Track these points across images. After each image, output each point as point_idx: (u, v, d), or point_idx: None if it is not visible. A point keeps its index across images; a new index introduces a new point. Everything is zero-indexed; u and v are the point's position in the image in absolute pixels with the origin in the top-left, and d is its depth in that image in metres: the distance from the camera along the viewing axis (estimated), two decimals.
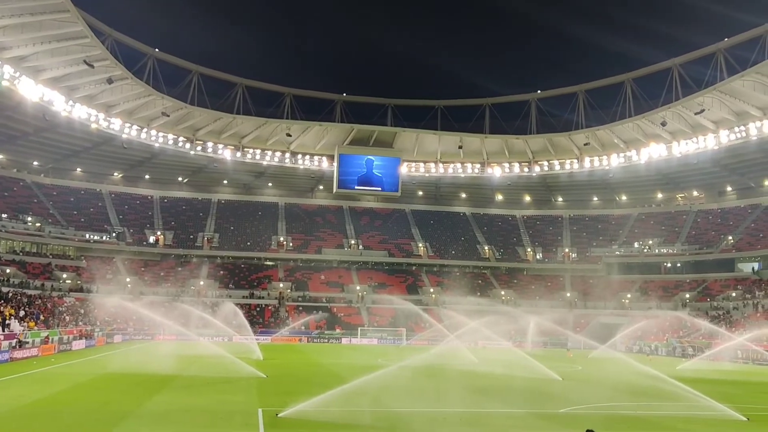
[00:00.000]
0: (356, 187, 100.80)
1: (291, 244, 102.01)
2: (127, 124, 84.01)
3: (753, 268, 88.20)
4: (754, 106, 74.60)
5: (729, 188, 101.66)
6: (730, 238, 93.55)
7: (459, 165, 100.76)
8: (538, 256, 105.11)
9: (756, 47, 70.22)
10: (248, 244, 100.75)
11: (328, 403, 24.22)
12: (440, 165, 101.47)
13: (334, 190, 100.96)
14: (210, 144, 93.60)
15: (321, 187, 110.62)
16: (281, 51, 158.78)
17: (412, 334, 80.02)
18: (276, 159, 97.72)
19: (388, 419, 23.18)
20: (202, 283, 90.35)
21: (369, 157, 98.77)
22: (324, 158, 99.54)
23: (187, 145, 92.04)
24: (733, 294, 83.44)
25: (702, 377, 41.20)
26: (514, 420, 24.19)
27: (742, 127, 76.96)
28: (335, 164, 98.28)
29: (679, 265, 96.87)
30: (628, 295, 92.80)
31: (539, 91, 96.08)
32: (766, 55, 67.91)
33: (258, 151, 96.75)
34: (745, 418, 24.54)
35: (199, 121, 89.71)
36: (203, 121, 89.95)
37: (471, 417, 24.59)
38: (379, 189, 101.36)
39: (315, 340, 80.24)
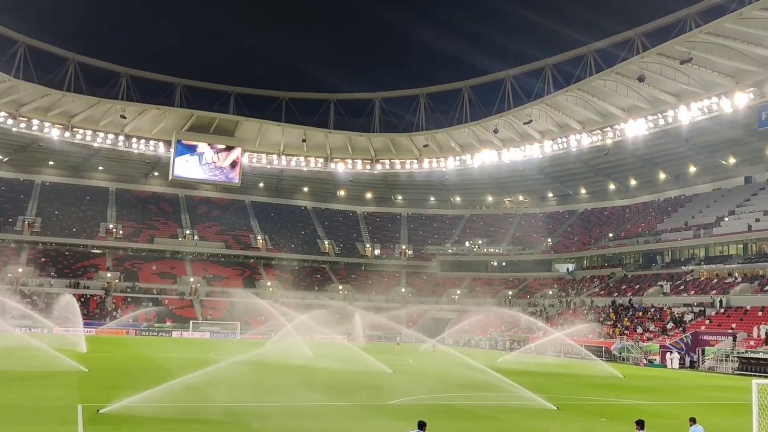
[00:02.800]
0: (194, 175, 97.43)
1: (121, 232, 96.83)
2: None
3: (567, 269, 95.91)
4: (575, 120, 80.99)
5: (550, 194, 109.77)
6: (549, 240, 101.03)
7: (302, 158, 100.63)
8: (376, 252, 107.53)
9: (580, 64, 76.32)
10: (74, 230, 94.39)
11: (155, 398, 23.31)
12: (283, 157, 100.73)
13: (170, 177, 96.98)
14: (36, 121, 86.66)
15: (156, 174, 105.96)
16: (122, 28, 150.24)
17: (248, 328, 78.90)
18: (108, 141, 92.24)
19: (216, 414, 22.78)
20: (20, 270, 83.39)
21: (209, 144, 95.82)
22: (161, 143, 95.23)
23: (9, 121, 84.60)
24: (550, 292, 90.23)
25: (520, 369, 44.04)
26: (343, 412, 24.60)
27: (564, 139, 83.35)
28: (172, 150, 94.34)
29: (504, 264, 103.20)
30: (458, 292, 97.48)
31: (383, 91, 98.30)
32: (588, 73, 73.95)
33: (89, 132, 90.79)
34: (554, 407, 26.61)
35: (24, 96, 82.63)
36: (29, 96, 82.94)
37: (301, 410, 24.72)
38: (218, 178, 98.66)
39: (144, 333, 76.91)
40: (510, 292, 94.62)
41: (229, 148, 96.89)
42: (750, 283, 65.01)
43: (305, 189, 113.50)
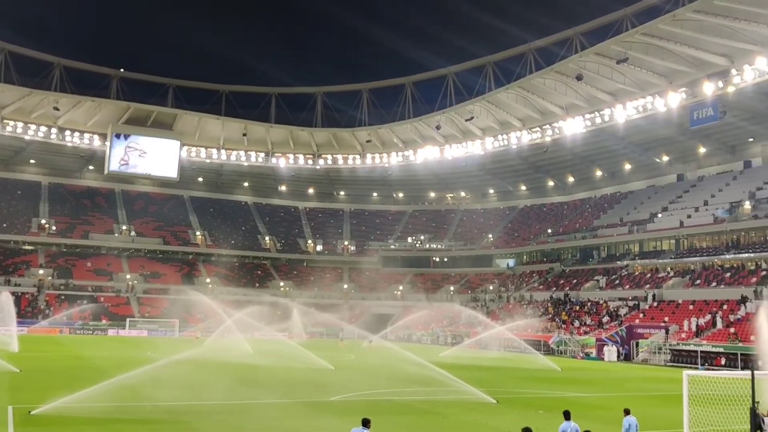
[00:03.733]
0: (131, 170, 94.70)
1: (54, 228, 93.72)
2: None
3: (507, 264, 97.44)
4: (515, 117, 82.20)
5: (491, 191, 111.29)
6: (490, 236, 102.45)
7: (243, 153, 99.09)
8: (318, 248, 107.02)
9: (521, 62, 77.50)
10: (4, 225, 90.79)
11: (90, 398, 22.63)
12: (223, 151, 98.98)
13: (106, 172, 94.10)
14: None
15: (91, 168, 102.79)
16: (55, 17, 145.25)
17: (187, 326, 77.46)
18: (41, 134, 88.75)
19: (154, 413, 22.30)
20: None
21: (146, 138, 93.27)
22: (96, 136, 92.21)
23: None
24: (491, 287, 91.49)
25: (461, 363, 44.55)
26: (284, 410, 24.34)
27: (505, 136, 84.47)
28: (108, 143, 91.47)
29: (446, 259, 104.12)
30: (401, 287, 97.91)
31: (326, 86, 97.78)
32: (528, 71, 75.14)
33: (20, 124, 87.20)
34: (494, 401, 26.95)
35: None
36: None
37: (242, 408, 24.36)
38: (156, 172, 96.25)
39: (78, 332, 74.69)
40: (452, 288, 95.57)
41: (167, 142, 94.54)
42: (682, 277, 67.26)
43: (246, 184, 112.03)
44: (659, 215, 77.90)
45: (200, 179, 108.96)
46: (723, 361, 47.83)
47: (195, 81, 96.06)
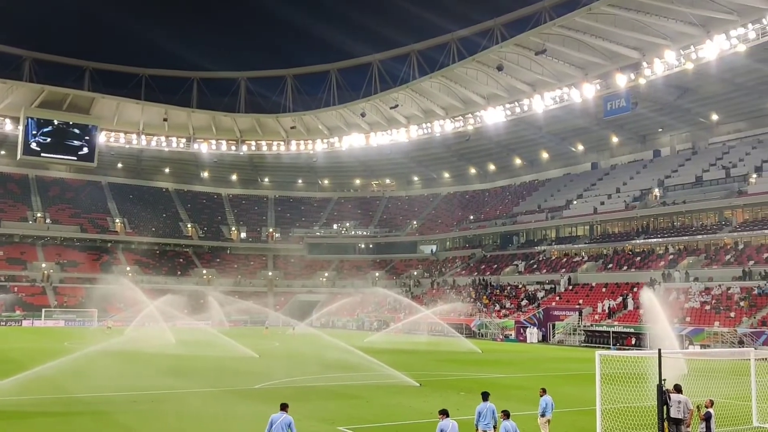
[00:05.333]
0: (45, 155, 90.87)
1: None
2: None
3: (431, 250, 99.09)
4: (439, 106, 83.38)
5: (416, 178, 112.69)
6: (415, 223, 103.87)
7: (163, 138, 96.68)
8: (242, 236, 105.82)
9: (444, 51, 78.58)
10: None
11: (4, 391, 22.08)
12: (143, 137, 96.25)
13: (19, 157, 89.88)
14: None
15: (3, 153, 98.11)
16: None
17: (106, 315, 75.39)
18: None
19: (72, 405, 21.90)
20: None
21: (62, 122, 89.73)
22: (8, 120, 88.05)
23: None
24: (415, 273, 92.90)
25: (386, 348, 45.25)
26: (207, 398, 24.30)
27: (429, 124, 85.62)
28: (21, 128, 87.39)
29: (371, 246, 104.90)
30: (326, 274, 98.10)
31: (249, 71, 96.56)
32: (451, 60, 76.30)
33: None
34: (418, 384, 27.68)
35: None
36: None
37: (164, 397, 24.18)
38: (73, 158, 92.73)
39: None
40: (377, 274, 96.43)
41: (84, 127, 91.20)
42: (595, 261, 70.15)
43: (167, 170, 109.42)
44: (574, 202, 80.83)
45: (119, 165, 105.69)
46: (633, 341, 50.30)
47: (113, 64, 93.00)
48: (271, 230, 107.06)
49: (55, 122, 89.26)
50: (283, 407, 13.54)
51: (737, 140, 73.53)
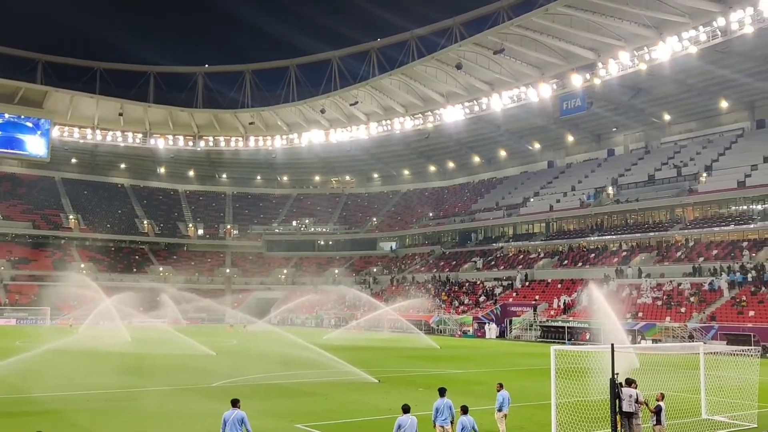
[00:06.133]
0: None
1: None
2: None
3: (391, 247, 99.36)
4: (399, 103, 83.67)
5: (376, 175, 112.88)
6: (375, 220, 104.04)
7: (119, 133, 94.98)
8: (199, 232, 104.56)
9: (403, 50, 78.92)
10: None
11: None
12: (98, 131, 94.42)
13: None
14: None
15: None
16: None
17: (59, 313, 73.80)
18: None
19: (22, 405, 21.47)
20: None
21: (13, 116, 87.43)
22: None
23: None
24: (375, 270, 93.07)
25: (345, 345, 45.30)
26: (164, 396, 24.05)
27: (389, 121, 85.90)
28: None
29: (331, 243, 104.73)
30: (285, 271, 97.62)
31: (207, 66, 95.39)
32: (411, 58, 76.62)
33: None
34: (376, 380, 27.80)
35: None
36: None
37: (119, 396, 23.84)
38: (24, 153, 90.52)
39: None
40: (337, 271, 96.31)
41: (36, 121, 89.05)
42: (551, 258, 71.27)
43: (122, 166, 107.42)
44: (531, 200, 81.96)
45: (73, 160, 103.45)
46: (587, 336, 51.25)
47: (67, 57, 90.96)
48: (228, 227, 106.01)
49: (6, 116, 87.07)
50: (234, 403, 13.48)
51: (688, 140, 75.44)
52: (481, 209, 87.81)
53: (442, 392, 15.09)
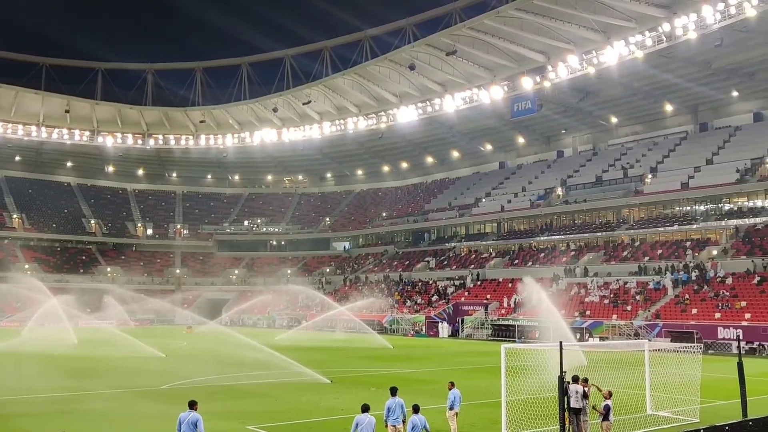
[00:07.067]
0: None
1: None
2: None
3: (344, 247, 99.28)
4: (352, 103, 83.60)
5: (329, 175, 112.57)
6: (328, 219, 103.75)
7: (65, 131, 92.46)
8: (149, 232, 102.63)
9: (356, 50, 78.86)
10: None
11: None
12: (43, 129, 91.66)
13: None
14: None
15: None
16: None
17: (2, 315, 71.48)
18: None
19: None
20: None
21: None
22: None
23: None
24: (327, 270, 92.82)
25: (298, 346, 45.11)
26: (111, 399, 23.56)
27: (342, 121, 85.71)
28: None
29: (283, 243, 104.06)
30: (236, 272, 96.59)
31: (157, 63, 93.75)
32: (364, 58, 76.62)
33: None
34: (328, 381, 27.76)
35: None
36: None
37: (64, 399, 23.30)
38: None
39: None
40: (289, 271, 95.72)
41: None
42: (502, 257, 72.22)
43: (69, 164, 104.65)
44: (483, 200, 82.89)
45: (17, 158, 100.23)
46: (537, 335, 52.06)
47: (10, 52, 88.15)
48: (178, 227, 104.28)
49: None
50: (192, 405, 13.33)
51: (634, 142, 77.33)
52: (434, 209, 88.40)
53: (393, 391, 15.15)
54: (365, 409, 13.68)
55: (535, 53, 65.01)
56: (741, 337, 26.45)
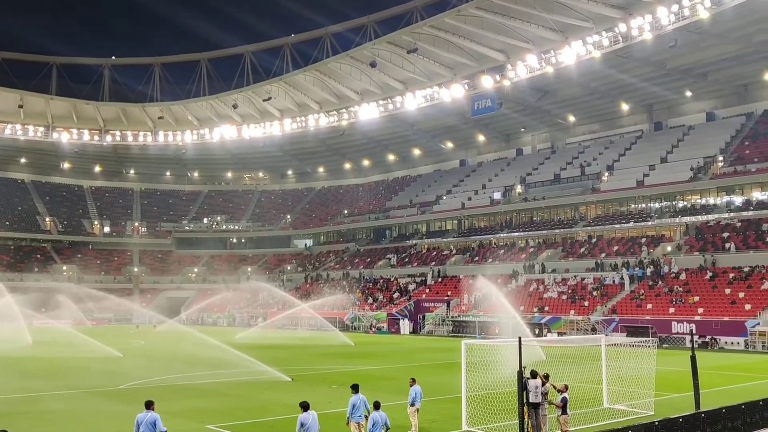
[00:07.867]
0: None
1: None
2: None
3: (306, 245, 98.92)
4: (313, 100, 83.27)
5: (290, 172, 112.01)
6: (289, 217, 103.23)
7: (19, 126, 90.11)
8: (106, 230, 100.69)
9: (317, 46, 78.61)
10: None
11: None
12: None
13: None
14: None
15: None
16: None
17: None
18: None
19: None
20: None
21: None
22: None
23: None
24: (288, 267, 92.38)
25: (258, 344, 44.84)
26: (68, 400, 23.12)
27: (303, 118, 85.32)
28: None
29: (243, 240, 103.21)
30: (195, 270, 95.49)
31: (113, 58, 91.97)
32: (325, 55, 76.40)
33: None
34: (290, 379, 27.67)
35: None
36: None
37: (19, 400, 22.78)
38: None
39: None
40: (250, 269, 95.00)
41: None
42: (463, 254, 72.79)
43: (22, 160, 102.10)
44: (444, 198, 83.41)
45: None
46: (497, 330, 52.63)
47: None
48: (136, 224, 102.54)
49: None
50: (148, 405, 13.18)
51: (592, 141, 78.70)
52: (396, 207, 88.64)
53: (355, 388, 15.18)
54: (305, 407, 13.56)
55: (495, 52, 65.63)
56: (694, 332, 27.12)
